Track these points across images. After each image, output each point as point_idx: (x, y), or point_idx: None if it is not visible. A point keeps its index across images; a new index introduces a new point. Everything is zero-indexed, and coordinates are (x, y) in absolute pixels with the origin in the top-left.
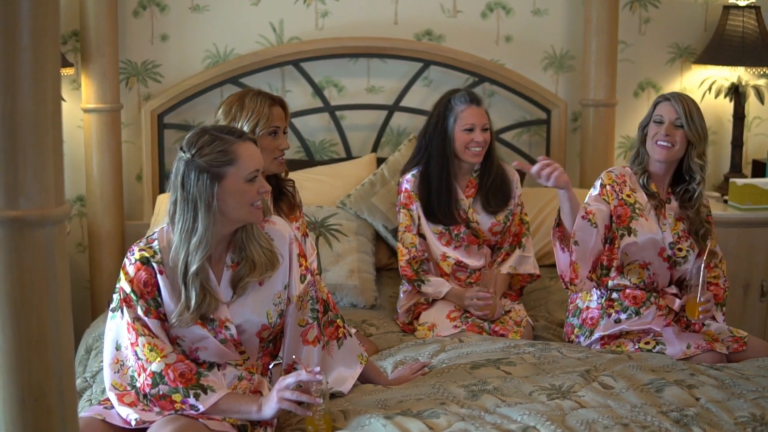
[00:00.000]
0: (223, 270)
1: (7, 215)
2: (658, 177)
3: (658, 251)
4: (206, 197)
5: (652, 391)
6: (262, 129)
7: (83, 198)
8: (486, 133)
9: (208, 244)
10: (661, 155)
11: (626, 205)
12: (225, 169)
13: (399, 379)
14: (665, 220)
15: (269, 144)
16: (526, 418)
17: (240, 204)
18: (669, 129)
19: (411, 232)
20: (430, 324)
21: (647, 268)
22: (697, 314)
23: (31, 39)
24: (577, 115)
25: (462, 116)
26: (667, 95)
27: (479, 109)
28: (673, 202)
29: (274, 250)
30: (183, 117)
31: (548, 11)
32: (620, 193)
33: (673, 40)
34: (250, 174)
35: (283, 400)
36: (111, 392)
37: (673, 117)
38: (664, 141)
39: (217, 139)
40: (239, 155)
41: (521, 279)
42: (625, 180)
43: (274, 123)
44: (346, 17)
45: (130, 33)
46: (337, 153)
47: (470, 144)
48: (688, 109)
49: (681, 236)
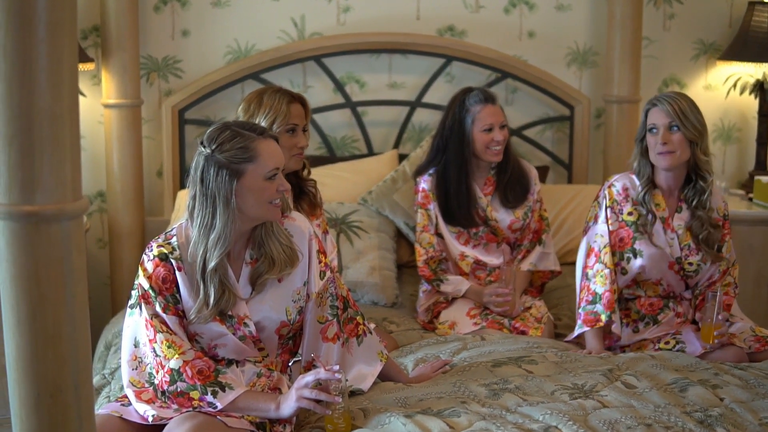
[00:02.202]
0: (242, 266)
1: (24, 210)
2: (667, 186)
3: (668, 265)
4: (225, 193)
5: (675, 390)
6: (279, 126)
7: (104, 194)
8: (504, 130)
9: (226, 240)
10: (666, 163)
11: (627, 226)
12: (245, 165)
13: (420, 377)
14: (673, 233)
15: (287, 141)
16: (548, 417)
17: (258, 201)
18: (665, 136)
19: (428, 231)
20: (450, 322)
21: (660, 283)
22: (713, 340)
23: (48, 32)
24: (600, 112)
25: (480, 117)
26: (654, 99)
27: (495, 107)
28: (684, 211)
29: (294, 246)
30: (204, 113)
31: (571, 7)
32: (620, 215)
33: (698, 36)
34: (270, 172)
35: (302, 398)
36: (129, 389)
37: (666, 122)
38: (664, 150)
39: (238, 135)
40: (260, 152)
41: (542, 276)
42: (628, 195)
43: (292, 120)
44: (367, 12)
45: (150, 28)
46: (359, 149)
47: (491, 144)
48: (679, 109)
49: (692, 249)
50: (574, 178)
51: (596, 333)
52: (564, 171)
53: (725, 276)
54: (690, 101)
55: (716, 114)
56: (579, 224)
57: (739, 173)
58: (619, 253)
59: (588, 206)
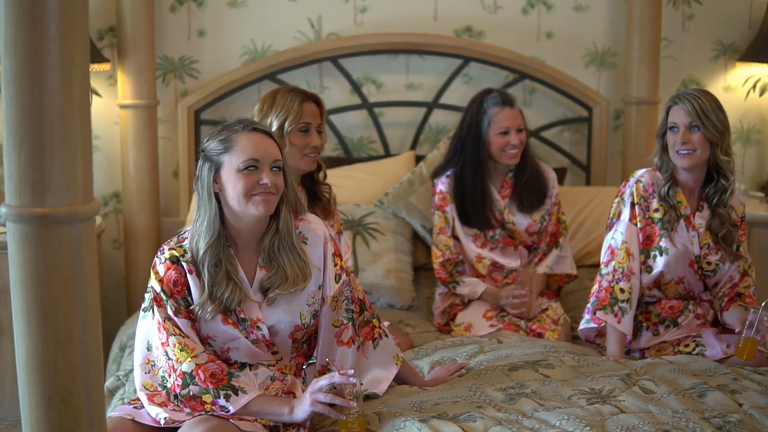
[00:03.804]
0: (256, 269)
1: (34, 212)
2: (687, 184)
3: (689, 263)
4: (207, 185)
5: (694, 396)
6: (291, 125)
7: (119, 194)
8: (521, 134)
9: (212, 230)
10: (685, 163)
11: (654, 223)
12: (221, 157)
13: (435, 380)
14: (694, 231)
15: (300, 140)
16: (564, 422)
17: (236, 194)
18: (685, 135)
19: (445, 234)
20: (466, 324)
21: (682, 282)
22: (752, 357)
23: (59, 30)
24: (619, 113)
25: (496, 120)
26: (676, 96)
27: (513, 110)
28: (705, 209)
29: (308, 260)
30: (220, 113)
31: (590, 7)
32: (647, 211)
33: (717, 37)
34: (244, 163)
35: (316, 402)
36: (141, 392)
37: (687, 121)
38: (683, 149)
39: (225, 130)
40: (235, 144)
41: (558, 279)
42: (654, 191)
43: (304, 119)
44: (384, 13)
45: (166, 28)
46: (375, 150)
47: (506, 147)
48: (701, 108)
49: (711, 248)
50: (592, 180)
51: (618, 339)
52: (582, 173)
53: (744, 278)
54: (712, 99)
55: (735, 116)
56: (597, 226)
57: (758, 175)
58: (645, 251)
59: (606, 208)
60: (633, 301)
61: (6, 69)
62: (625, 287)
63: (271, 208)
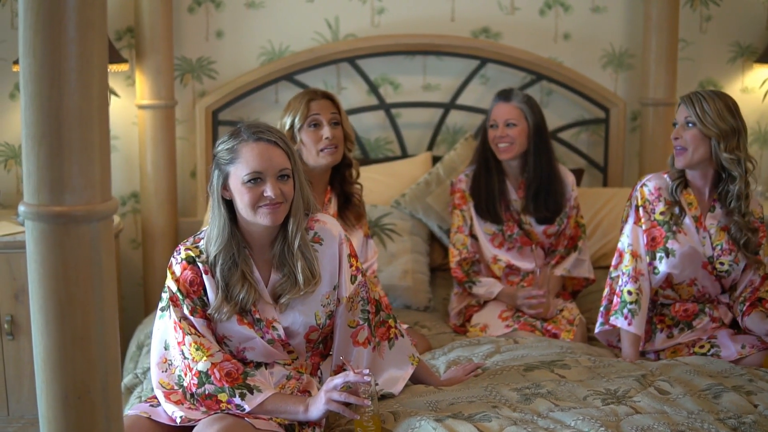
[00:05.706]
0: (271, 271)
1: (53, 210)
2: (695, 184)
3: (701, 264)
4: (216, 192)
5: (709, 397)
6: (299, 122)
7: (137, 194)
8: (511, 128)
9: (222, 235)
10: (678, 162)
11: (660, 226)
12: (228, 167)
13: (451, 380)
14: (705, 232)
15: (311, 136)
16: (579, 423)
17: (243, 204)
18: (678, 131)
19: (463, 233)
20: (482, 325)
21: (695, 284)
22: None
23: (78, 32)
24: (636, 115)
25: (490, 113)
26: (684, 95)
27: (507, 105)
28: (717, 210)
29: (316, 265)
30: (237, 114)
31: (607, 8)
32: (652, 214)
33: (734, 39)
34: (248, 176)
35: (331, 401)
36: (158, 390)
37: (683, 117)
38: (675, 145)
39: (232, 137)
40: (240, 155)
41: (575, 283)
42: (660, 195)
43: (312, 113)
44: (402, 14)
45: (185, 29)
46: (392, 151)
47: (494, 140)
48: (699, 105)
49: (724, 249)
50: (610, 182)
51: (633, 341)
52: (599, 174)
53: (765, 281)
54: (720, 99)
55: (753, 117)
56: (613, 228)
57: None
58: (651, 253)
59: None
60: (642, 302)
61: (25, 70)
62: (633, 289)
63: (279, 218)
